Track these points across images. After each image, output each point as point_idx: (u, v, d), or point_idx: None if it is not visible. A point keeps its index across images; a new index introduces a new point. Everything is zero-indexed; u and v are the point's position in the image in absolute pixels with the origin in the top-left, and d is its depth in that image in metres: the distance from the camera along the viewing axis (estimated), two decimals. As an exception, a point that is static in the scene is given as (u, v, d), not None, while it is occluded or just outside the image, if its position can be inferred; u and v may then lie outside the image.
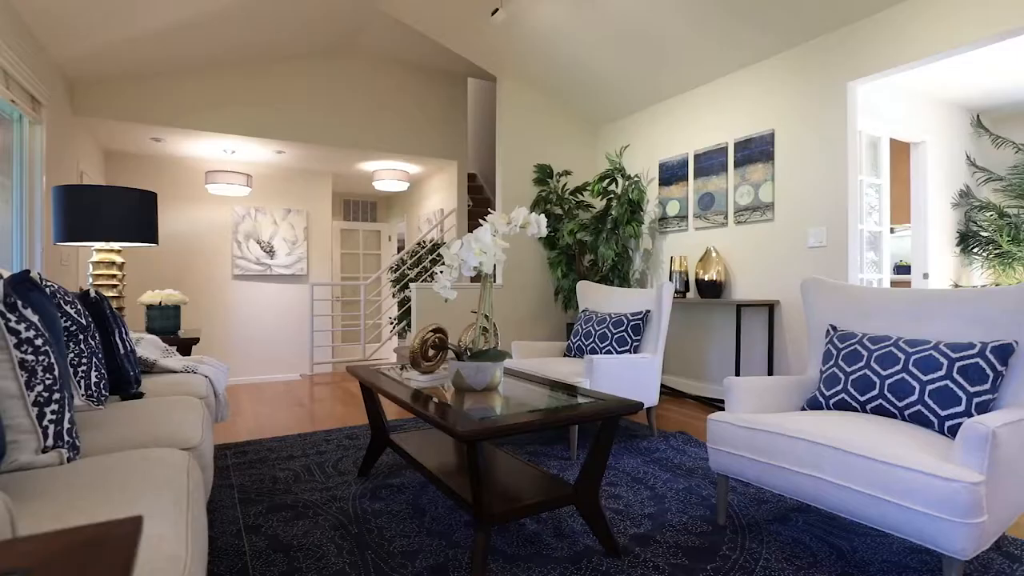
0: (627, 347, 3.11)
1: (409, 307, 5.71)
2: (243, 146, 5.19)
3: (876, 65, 3.26)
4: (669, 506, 2.20)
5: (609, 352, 3.16)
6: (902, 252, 5.84)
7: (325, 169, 6.28)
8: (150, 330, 2.88)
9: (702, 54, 4.02)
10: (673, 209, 4.61)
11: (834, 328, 2.26)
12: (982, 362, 1.76)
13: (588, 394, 1.99)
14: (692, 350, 4.43)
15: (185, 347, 2.75)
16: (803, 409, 2.18)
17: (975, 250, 4.95)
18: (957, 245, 4.96)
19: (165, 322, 2.87)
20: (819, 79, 3.56)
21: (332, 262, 7.18)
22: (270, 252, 6.08)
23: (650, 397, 3.09)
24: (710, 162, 4.28)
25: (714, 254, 4.11)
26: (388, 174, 6.05)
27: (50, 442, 1.19)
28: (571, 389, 2.11)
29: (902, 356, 1.92)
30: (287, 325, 6.12)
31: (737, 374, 3.74)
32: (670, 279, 4.29)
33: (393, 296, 6.02)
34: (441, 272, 2.05)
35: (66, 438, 1.21)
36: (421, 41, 5.03)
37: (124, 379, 1.95)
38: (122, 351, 1.98)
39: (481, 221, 2.14)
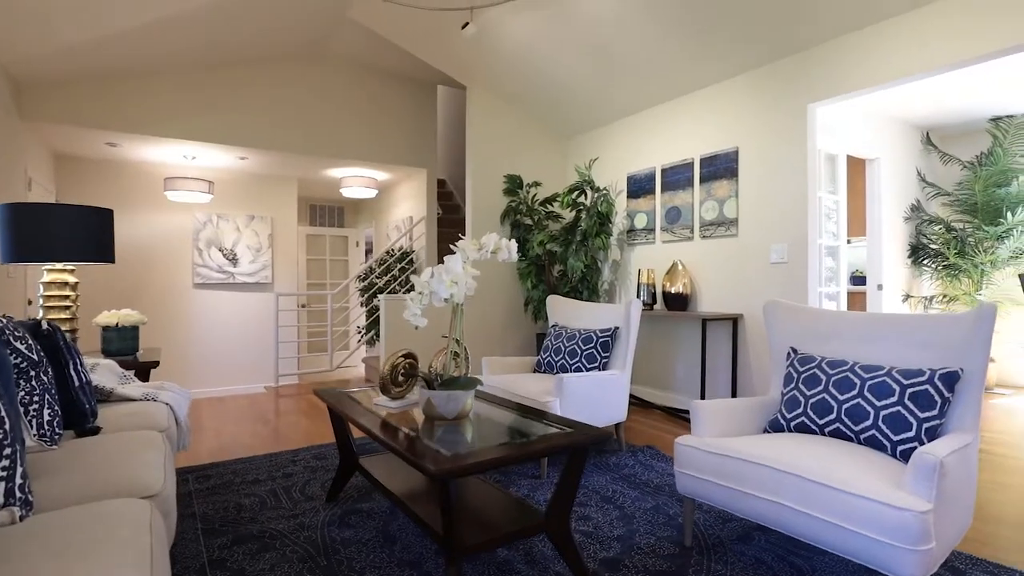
0: (596, 364, 3.15)
1: (378, 316, 5.64)
2: (204, 152, 5.04)
3: (834, 89, 3.38)
4: (638, 527, 2.24)
5: (579, 369, 3.19)
6: (859, 262, 6.08)
7: (290, 175, 6.15)
8: (107, 352, 2.77)
9: (669, 71, 4.09)
10: (641, 222, 4.68)
11: (794, 351, 2.33)
12: (931, 389, 1.85)
13: (559, 422, 2.01)
14: (660, 361, 4.52)
15: (144, 371, 2.66)
16: (766, 431, 2.25)
17: (925, 262, 5.19)
18: (909, 257, 5.19)
19: (123, 344, 2.76)
20: (781, 100, 3.67)
21: (298, 269, 7.05)
22: (233, 260, 5.92)
23: (619, 413, 3.13)
24: (677, 177, 4.37)
25: (681, 267, 4.20)
26: (356, 181, 5.96)
27: (0, 500, 1.13)
28: (542, 415, 2.12)
29: (858, 381, 2.00)
30: (251, 335, 5.97)
31: (703, 386, 3.83)
32: (638, 291, 4.36)
33: (362, 305, 5.94)
34: (411, 300, 2.03)
35: (18, 494, 1.16)
36: (390, 48, 4.97)
37: (79, 413, 1.88)
38: (77, 383, 1.90)
39: (453, 247, 2.13)
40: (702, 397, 3.80)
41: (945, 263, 5.07)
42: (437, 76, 5.69)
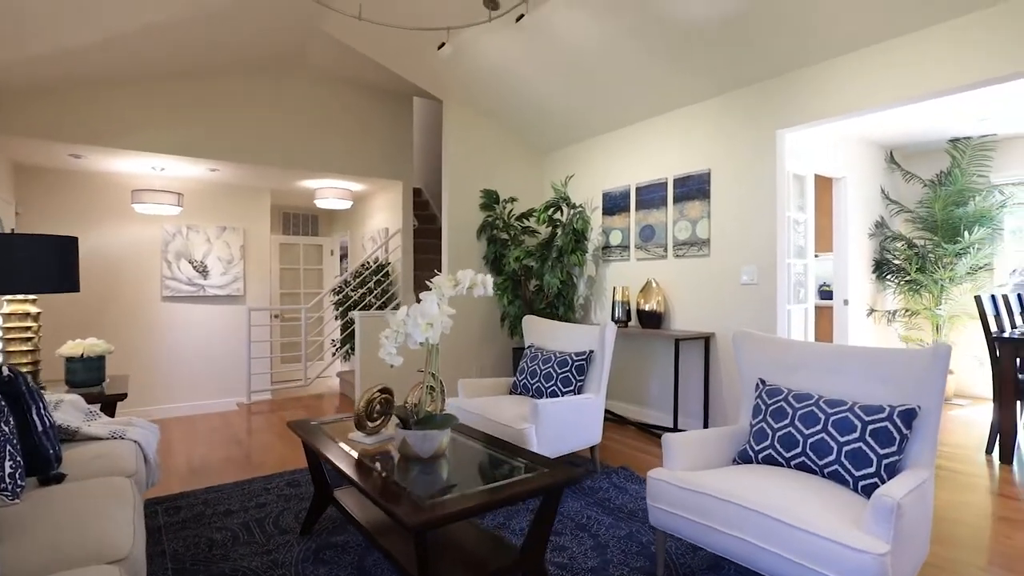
0: (571, 387, 3.18)
1: (353, 330, 5.59)
2: (173, 163, 4.93)
3: (800, 117, 3.47)
4: (611, 556, 2.28)
5: (554, 392, 3.22)
6: (826, 274, 6.25)
7: (263, 185, 6.05)
8: (71, 384, 2.69)
9: (643, 91, 4.15)
10: (616, 239, 4.74)
11: (763, 382, 2.40)
12: (890, 426, 1.93)
13: (535, 460, 2.03)
14: (634, 377, 4.58)
15: (110, 404, 2.59)
16: (736, 461, 2.31)
17: (888, 277, 5.37)
18: (873, 272, 5.36)
19: (88, 374, 2.69)
20: (751, 124, 3.76)
21: (271, 279, 6.94)
22: (203, 272, 5.80)
23: (594, 436, 3.17)
24: (651, 196, 4.43)
25: (655, 285, 4.26)
26: (330, 192, 5.90)
27: (-40, 578, 1.10)
28: (518, 452, 2.14)
29: (823, 416, 2.07)
30: (222, 349, 5.86)
31: (675, 404, 3.89)
32: (613, 309, 4.42)
33: (336, 319, 5.88)
34: (386, 338, 2.03)
35: (-21, 571, 1.13)
36: (366, 60, 4.93)
37: (43, 459, 1.83)
38: (40, 428, 1.85)
39: (429, 284, 2.13)
40: (675, 415, 3.87)
41: (907, 278, 5.25)
42: (413, 87, 5.66)
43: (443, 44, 3.71)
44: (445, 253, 5.01)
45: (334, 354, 5.77)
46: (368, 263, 6.03)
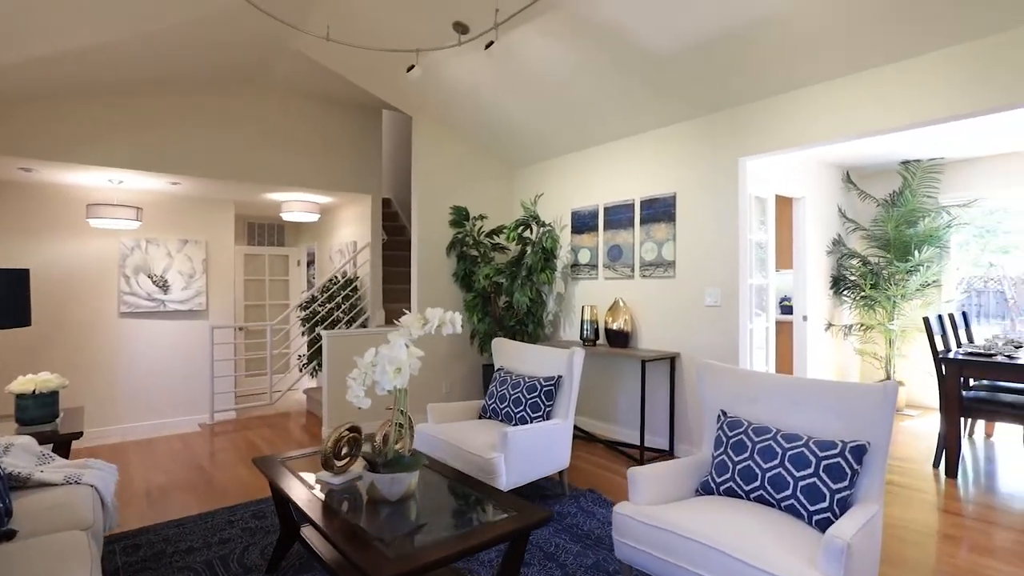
0: (540, 413, 3.22)
1: (320, 346, 5.51)
2: (132, 176, 4.77)
3: (761, 146, 3.59)
4: (578, 589, 2.32)
5: (523, 418, 3.25)
6: (787, 287, 6.45)
7: (227, 198, 5.91)
8: (22, 421, 2.58)
9: (612, 114, 4.22)
10: (584, 257, 4.80)
11: (724, 414, 2.47)
12: (843, 461, 2.02)
13: (504, 502, 2.05)
14: (603, 394, 4.65)
15: (64, 444, 2.50)
16: (698, 492, 2.38)
17: (845, 293, 5.58)
18: (831, 288, 5.56)
19: (41, 411, 2.58)
20: (716, 151, 3.86)
21: (235, 291, 6.78)
22: (164, 287, 5.63)
23: (563, 461, 3.21)
24: (619, 216, 4.50)
25: (622, 304, 4.34)
26: (297, 206, 5.80)
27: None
28: (487, 492, 2.16)
29: (780, 451, 2.15)
30: (184, 366, 5.70)
31: (642, 421, 3.96)
32: (582, 327, 4.47)
33: (303, 335, 5.79)
34: (353, 380, 2.02)
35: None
36: (334, 73, 4.87)
37: (-9, 514, 1.76)
38: (-11, 481, 1.78)
39: (396, 323, 2.13)
40: (641, 433, 3.94)
41: (862, 294, 5.47)
42: (382, 100, 5.61)
43: (412, 67, 3.70)
44: (415, 270, 4.99)
45: (301, 370, 5.68)
46: (336, 278, 5.96)
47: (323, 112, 5.41)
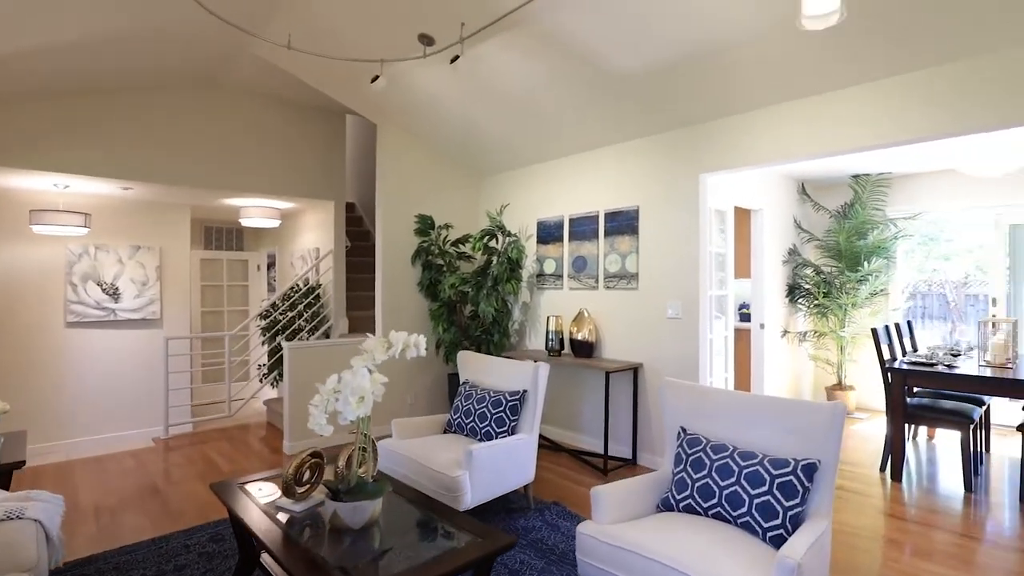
0: (505, 428, 3.23)
1: (281, 356, 5.39)
2: (80, 180, 4.56)
3: (721, 164, 3.69)
4: (542, 607, 2.34)
5: (489, 433, 3.26)
6: (745, 295, 6.64)
7: (182, 202, 5.71)
8: (-43, 449, 2.44)
9: (576, 128, 4.26)
10: (550, 267, 4.84)
11: (684, 430, 2.54)
12: (795, 480, 2.10)
13: (468, 527, 2.05)
14: (568, 404, 4.70)
15: (5, 475, 2.37)
16: (659, 508, 2.43)
17: (800, 301, 5.78)
18: (787, 296, 5.76)
19: (-22, 438, 2.45)
20: (677, 166, 3.95)
21: (191, 298, 6.57)
22: (114, 295, 5.40)
23: (527, 475, 3.23)
24: (583, 228, 4.56)
25: (586, 315, 4.39)
26: (257, 212, 5.66)
27: None
28: (452, 516, 2.16)
29: (736, 469, 2.22)
30: (137, 377, 5.48)
31: (606, 431, 4.02)
32: (547, 338, 4.51)
33: (263, 344, 5.65)
34: (314, 406, 1.99)
35: None
36: (296, 78, 4.76)
37: (-76, 559, 1.66)
38: (-80, 523, 1.68)
39: (361, 349, 2.10)
40: (605, 442, 3.99)
41: (816, 302, 5.68)
42: (346, 106, 5.52)
43: (377, 77, 3.65)
44: (379, 279, 4.93)
45: (261, 380, 5.54)
46: (298, 285, 5.83)
47: (284, 116, 5.29)
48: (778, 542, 2.05)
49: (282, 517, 2.11)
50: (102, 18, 3.12)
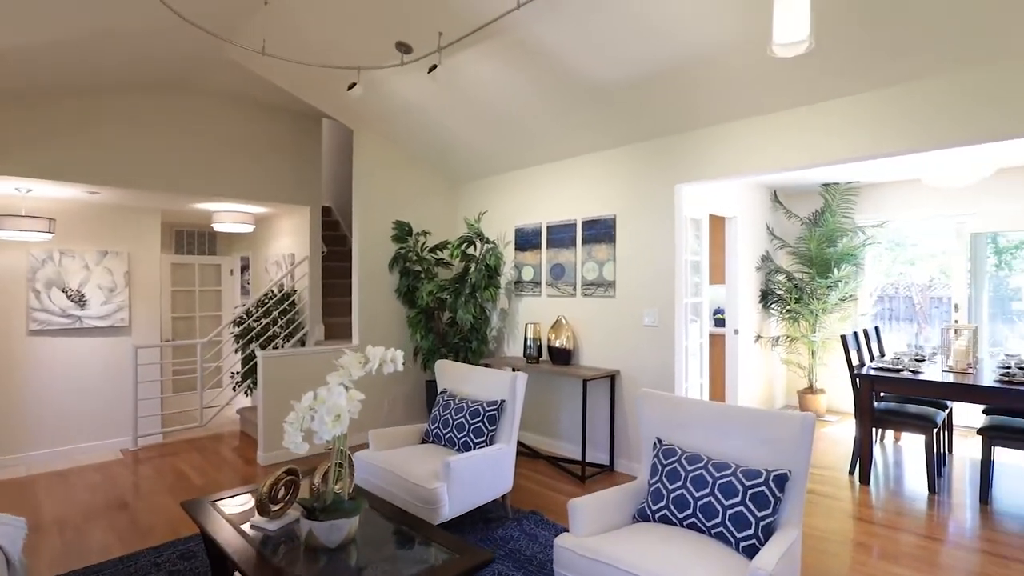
0: (483, 438, 3.23)
1: (255, 364, 5.29)
2: (44, 185, 4.42)
3: (697, 175, 3.74)
4: (520, 620, 2.34)
5: (467, 443, 3.25)
6: (719, 300, 6.75)
7: (152, 206, 5.57)
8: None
9: (554, 136, 4.28)
10: (528, 274, 4.85)
11: (660, 441, 2.57)
12: (767, 490, 2.14)
13: (447, 545, 2.04)
14: (546, 410, 4.71)
15: (-36, 496, 2.28)
16: (635, 519, 2.46)
17: (773, 306, 5.90)
18: (760, 302, 5.87)
19: (-66, 458, 2.35)
20: (654, 176, 4.00)
21: (161, 304, 6.42)
22: (80, 302, 5.24)
23: (505, 484, 3.24)
24: (561, 235, 4.58)
25: (564, 322, 4.41)
26: (229, 217, 5.55)
27: None
28: (429, 532, 2.15)
29: (710, 480, 2.26)
30: (105, 387, 5.32)
31: (583, 438, 4.04)
32: (525, 345, 4.52)
33: (237, 352, 5.54)
34: (289, 425, 1.96)
35: None
36: (270, 81, 4.69)
37: None
38: None
39: (337, 364, 2.08)
40: (583, 449, 4.02)
41: (788, 308, 5.81)
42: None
43: (353, 84, 3.62)
44: (356, 287, 4.88)
45: (235, 388, 5.43)
46: (272, 291, 5.74)
47: (258, 119, 5.20)
48: (751, 552, 2.09)
49: (256, 536, 2.08)
50: (66, 19, 3.03)
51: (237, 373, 5.53)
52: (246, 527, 2.15)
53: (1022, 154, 4.59)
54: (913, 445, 4.85)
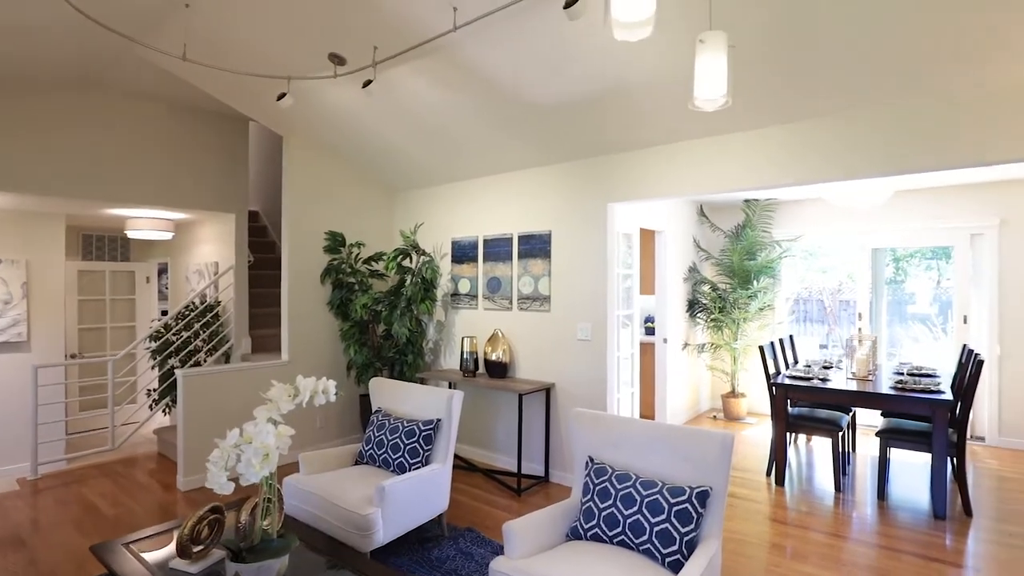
0: (419, 458, 3.20)
1: (174, 380, 4.99)
2: (-76, 188, 3.97)
3: (627, 195, 3.88)
4: (456, 645, 2.35)
5: (402, 464, 3.21)
6: (650, 308, 7.02)
7: (56, 211, 5.13)
8: None
9: (488, 151, 4.31)
10: (464, 287, 4.85)
11: (591, 460, 2.65)
12: (690, 507, 2.26)
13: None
14: (482, 423, 4.73)
15: None
16: (568, 537, 2.52)
17: (699, 315, 6.20)
18: (687, 311, 6.16)
19: None
20: (587, 194, 4.10)
21: (66, 316, 5.93)
22: (-30, 316, 4.75)
23: (441, 504, 3.23)
24: (498, 249, 4.61)
25: (501, 335, 4.45)
26: (145, 223, 5.20)
27: None
28: (361, 566, 2.11)
29: (639, 498, 2.35)
30: (-2, 408, 4.85)
31: (519, 451, 4.09)
32: (462, 359, 4.52)
33: (153, 368, 5.19)
34: (213, 464, 1.87)
35: None
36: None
37: None
38: None
39: (265, 396, 2.01)
40: (519, 461, 4.07)
41: (712, 317, 6.12)
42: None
43: (283, 94, 3.49)
44: (285, 299, 4.71)
45: (151, 407, 5.09)
46: (194, 303, 5.43)
47: (178, 121, 4.90)
48: (676, 567, 2.20)
49: (175, 581, 1.97)
50: (-47, 15, 2.74)
51: (154, 390, 5.19)
52: (165, 572, 2.04)
53: (917, 179, 5.07)
54: (822, 446, 5.24)
